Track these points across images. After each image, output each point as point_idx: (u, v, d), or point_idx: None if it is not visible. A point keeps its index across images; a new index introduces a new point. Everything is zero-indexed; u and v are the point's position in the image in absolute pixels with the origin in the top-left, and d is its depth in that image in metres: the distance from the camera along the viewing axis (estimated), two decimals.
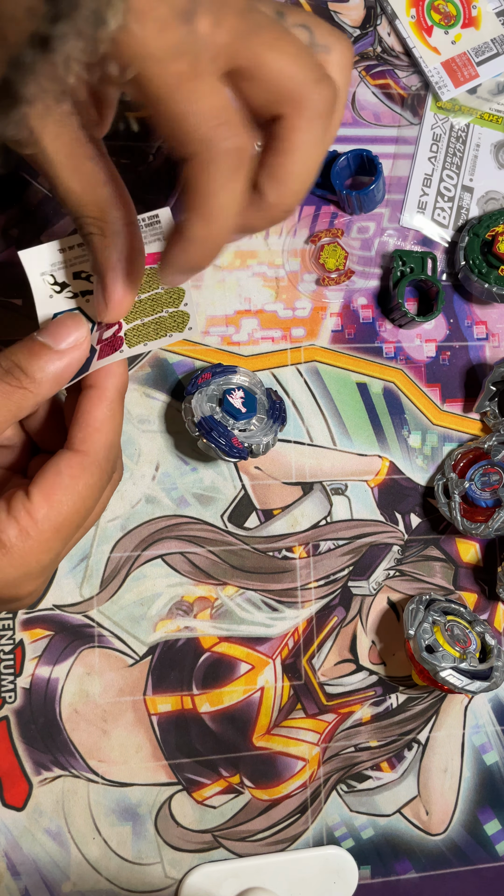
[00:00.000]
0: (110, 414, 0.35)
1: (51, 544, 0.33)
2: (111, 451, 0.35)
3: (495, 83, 0.51)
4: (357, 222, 0.49)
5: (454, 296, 0.49)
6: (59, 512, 0.33)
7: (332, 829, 0.46)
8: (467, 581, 0.49)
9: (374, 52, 0.50)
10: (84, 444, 0.34)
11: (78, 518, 0.34)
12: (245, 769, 0.46)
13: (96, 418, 0.34)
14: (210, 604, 0.46)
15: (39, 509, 0.33)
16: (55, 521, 0.33)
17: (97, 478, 0.34)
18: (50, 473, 0.33)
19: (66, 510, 0.33)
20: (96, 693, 0.44)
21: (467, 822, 0.47)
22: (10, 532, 0.32)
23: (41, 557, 0.33)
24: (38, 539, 0.33)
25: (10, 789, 0.43)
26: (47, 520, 0.33)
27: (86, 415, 0.34)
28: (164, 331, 0.38)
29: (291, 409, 0.47)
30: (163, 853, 0.45)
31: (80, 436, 0.34)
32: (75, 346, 0.34)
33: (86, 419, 0.34)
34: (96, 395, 0.35)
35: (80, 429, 0.34)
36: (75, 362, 0.34)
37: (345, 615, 0.47)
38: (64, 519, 0.33)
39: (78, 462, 0.33)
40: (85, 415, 0.34)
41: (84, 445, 0.34)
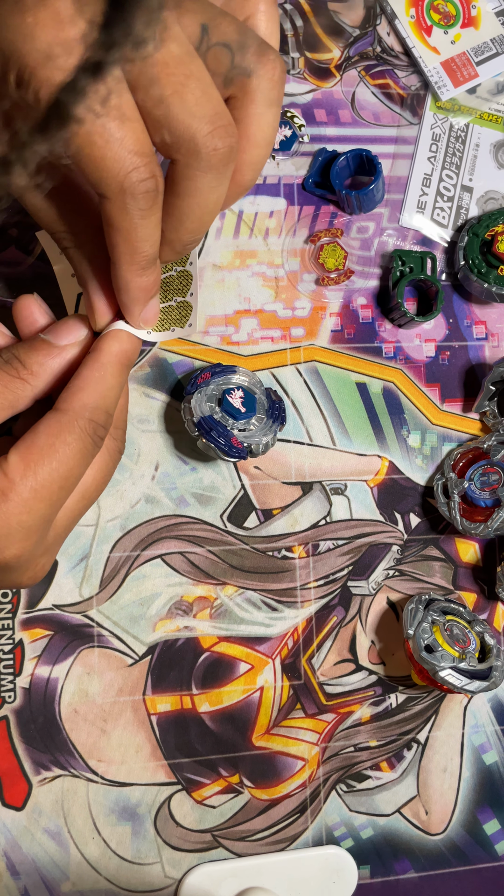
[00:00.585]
0: (99, 375, 0.34)
1: (31, 504, 0.32)
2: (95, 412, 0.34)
3: (495, 83, 0.51)
4: (356, 222, 0.49)
5: (453, 295, 0.49)
6: (35, 472, 0.32)
7: (331, 828, 0.46)
8: (466, 581, 0.49)
9: (373, 52, 0.50)
10: (65, 402, 0.33)
11: (60, 479, 0.33)
12: (244, 769, 0.46)
13: (83, 378, 0.34)
14: (209, 603, 0.46)
15: (16, 469, 0.32)
16: (33, 480, 0.32)
17: (75, 437, 0.33)
18: (28, 435, 0.33)
19: (44, 469, 0.32)
20: (96, 693, 0.44)
21: (467, 821, 0.47)
22: None
23: (22, 518, 0.32)
24: (15, 500, 0.32)
25: (10, 789, 0.43)
26: (24, 479, 0.32)
27: (75, 377, 0.34)
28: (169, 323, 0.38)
29: (291, 408, 0.47)
30: (162, 853, 0.45)
31: (64, 395, 0.34)
32: (74, 344, 0.34)
33: (73, 380, 0.34)
34: (91, 357, 0.34)
35: (66, 389, 0.34)
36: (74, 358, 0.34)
37: (344, 615, 0.47)
38: (43, 478, 0.32)
39: (55, 420, 0.33)
40: (75, 377, 0.34)
41: (64, 404, 0.33)
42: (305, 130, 0.48)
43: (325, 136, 0.49)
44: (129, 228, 0.30)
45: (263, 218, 0.48)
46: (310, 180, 0.48)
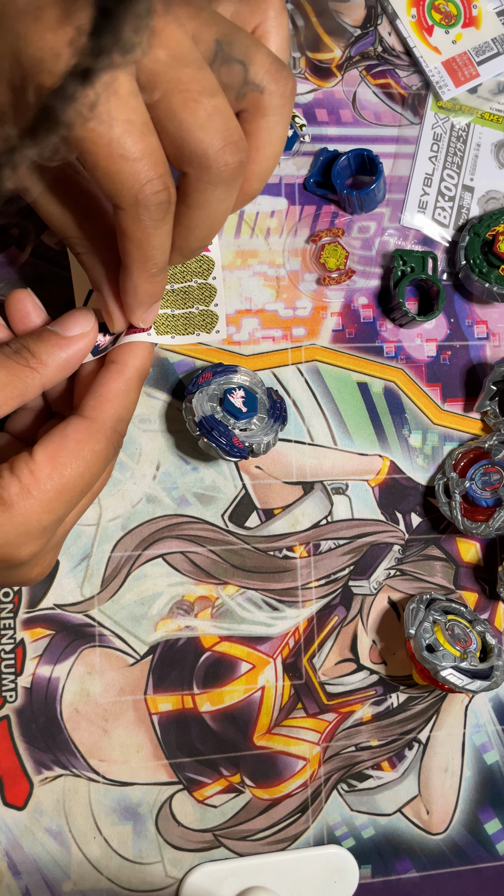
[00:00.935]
0: (125, 389, 0.36)
1: (52, 505, 0.33)
2: (119, 423, 0.35)
3: (496, 83, 0.51)
4: (358, 222, 0.49)
5: (455, 295, 0.49)
6: (61, 474, 0.33)
7: (332, 828, 0.46)
8: (468, 580, 0.49)
9: (374, 52, 0.50)
10: (94, 411, 0.35)
11: (82, 483, 0.34)
12: (246, 768, 0.46)
13: (110, 389, 0.35)
14: (211, 603, 0.46)
15: (43, 469, 0.33)
16: (58, 482, 0.33)
17: (103, 446, 0.35)
18: (56, 436, 0.34)
19: (69, 473, 0.33)
20: (97, 692, 0.44)
21: (468, 821, 0.48)
22: (12, 489, 0.32)
23: (42, 517, 0.33)
24: (39, 498, 0.33)
25: (11, 788, 0.44)
26: (50, 480, 0.33)
27: (101, 386, 0.35)
28: (192, 328, 0.40)
29: (292, 408, 0.47)
30: (163, 852, 0.45)
31: (92, 403, 0.35)
32: (81, 336, 0.35)
33: (100, 390, 0.35)
34: (115, 370, 0.36)
35: (93, 397, 0.35)
36: (81, 351, 0.35)
37: (345, 614, 0.47)
38: (67, 481, 0.33)
39: (85, 427, 0.34)
40: (100, 386, 0.35)
41: (94, 413, 0.35)
42: (306, 130, 0.48)
43: (327, 135, 0.49)
44: (141, 238, 0.31)
45: (265, 218, 0.48)
46: (311, 180, 0.48)
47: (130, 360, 0.36)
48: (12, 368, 0.34)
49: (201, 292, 0.40)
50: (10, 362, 0.34)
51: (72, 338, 0.35)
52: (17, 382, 0.34)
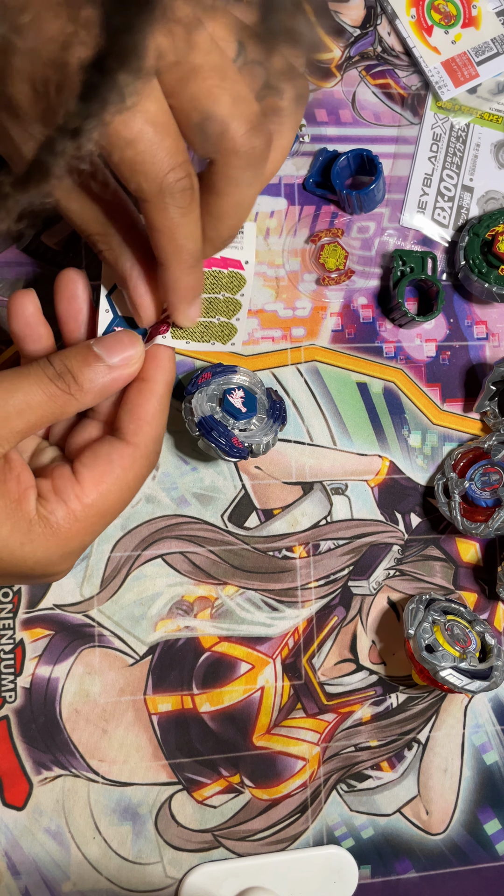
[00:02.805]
0: (160, 408, 0.36)
1: (95, 528, 0.35)
2: (157, 443, 0.36)
3: (495, 83, 0.51)
4: (357, 222, 0.49)
5: (454, 295, 0.49)
6: (106, 499, 0.34)
7: (332, 828, 0.46)
8: (467, 581, 0.49)
9: (374, 52, 0.50)
10: (136, 436, 0.35)
11: (121, 505, 0.35)
12: (245, 769, 0.46)
13: (147, 412, 0.36)
14: (210, 603, 0.46)
15: (89, 494, 0.34)
16: (102, 507, 0.34)
17: (145, 469, 0.36)
18: (102, 461, 0.35)
19: (113, 498, 0.34)
20: (96, 692, 0.44)
21: (467, 821, 0.47)
22: (59, 513, 0.33)
23: (84, 539, 0.34)
24: (84, 523, 0.34)
25: (11, 789, 0.44)
26: (94, 506, 0.34)
27: (138, 408, 0.36)
28: (209, 336, 0.40)
29: (291, 408, 0.47)
30: (163, 853, 0.45)
31: (132, 428, 0.35)
32: (126, 364, 0.35)
33: (138, 412, 0.36)
34: (148, 389, 0.36)
35: (133, 421, 0.35)
36: (123, 378, 0.35)
37: (345, 615, 0.47)
38: (110, 505, 0.35)
39: (129, 454, 0.35)
40: (137, 408, 0.36)
41: (136, 438, 0.35)
42: (306, 130, 0.48)
43: (326, 135, 0.49)
44: (171, 228, 0.31)
45: (264, 218, 0.48)
46: (310, 180, 0.48)
47: (160, 376, 0.36)
48: (53, 393, 0.34)
49: (226, 305, 0.40)
50: (52, 387, 0.34)
51: (115, 366, 0.35)
52: (55, 407, 0.34)
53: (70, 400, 0.34)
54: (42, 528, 0.33)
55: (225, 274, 0.40)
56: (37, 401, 0.33)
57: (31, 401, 0.33)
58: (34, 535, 0.33)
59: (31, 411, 0.33)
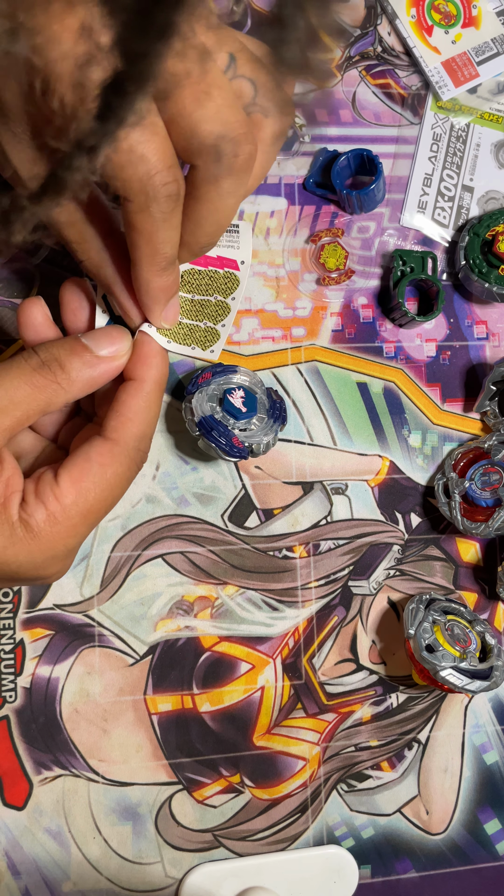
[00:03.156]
0: (146, 405, 0.35)
1: (78, 529, 0.34)
2: (142, 441, 0.35)
3: (495, 83, 0.51)
4: (357, 222, 0.49)
5: (454, 295, 0.49)
6: (86, 499, 0.34)
7: (332, 828, 0.46)
8: (467, 580, 0.49)
9: (374, 52, 0.50)
10: (116, 432, 0.35)
11: (105, 505, 0.34)
12: (245, 769, 0.46)
13: (131, 408, 0.35)
14: (210, 603, 0.46)
15: (67, 495, 0.33)
16: (83, 507, 0.34)
17: (126, 467, 0.35)
18: (80, 459, 0.34)
19: (93, 497, 0.34)
20: (97, 692, 0.44)
21: (467, 821, 0.48)
22: (38, 516, 0.33)
23: (68, 542, 0.34)
24: (65, 524, 0.33)
25: (11, 789, 0.43)
26: (75, 506, 0.33)
27: (121, 405, 0.35)
28: (191, 340, 0.40)
29: (292, 408, 0.47)
30: (163, 853, 0.45)
31: (113, 424, 0.35)
32: (114, 357, 0.35)
33: (121, 409, 0.35)
34: (134, 387, 0.35)
35: (114, 417, 0.35)
36: (111, 371, 0.35)
37: (345, 615, 0.47)
38: (91, 505, 0.34)
39: (108, 450, 0.34)
40: (121, 404, 0.35)
41: (116, 434, 0.35)
42: (306, 130, 0.48)
43: (326, 135, 0.49)
44: (151, 231, 0.31)
45: (264, 218, 0.48)
46: (311, 180, 0.48)
47: (148, 374, 0.36)
48: (38, 383, 0.33)
49: (216, 309, 0.40)
50: (37, 376, 0.33)
51: (104, 357, 0.35)
52: (42, 398, 0.33)
53: (57, 390, 0.34)
54: (23, 532, 0.33)
55: (220, 275, 0.40)
56: (22, 394, 0.33)
57: (15, 395, 0.33)
58: (16, 538, 0.33)
59: (16, 406, 0.33)
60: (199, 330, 0.40)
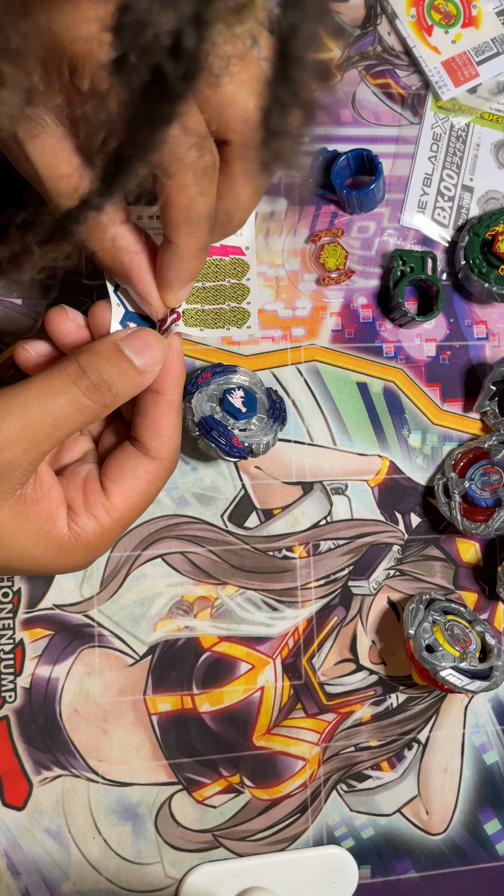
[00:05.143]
0: (177, 419, 0.37)
1: (119, 535, 0.37)
2: (178, 453, 0.38)
3: (495, 83, 0.51)
4: (357, 222, 0.49)
5: (454, 295, 0.49)
6: (133, 513, 0.36)
7: (332, 828, 0.46)
8: (467, 581, 0.49)
9: (374, 52, 0.50)
10: (160, 452, 0.36)
11: (143, 511, 0.37)
12: (245, 769, 0.46)
13: (167, 426, 0.36)
14: (210, 603, 0.46)
15: (118, 509, 0.35)
16: (129, 519, 0.36)
17: (167, 479, 0.38)
18: (129, 476, 0.36)
19: (138, 511, 0.37)
20: (96, 693, 0.44)
21: (467, 821, 0.47)
22: (90, 529, 0.35)
23: (108, 546, 0.37)
24: (111, 535, 0.36)
25: (11, 789, 0.43)
26: (123, 519, 0.36)
27: (157, 423, 0.36)
28: (223, 322, 0.40)
29: (291, 408, 0.47)
30: (163, 853, 0.45)
31: (156, 445, 0.36)
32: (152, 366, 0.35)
33: (158, 427, 0.36)
34: (165, 402, 0.36)
35: (155, 437, 0.36)
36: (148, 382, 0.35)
37: (345, 615, 0.47)
38: (135, 516, 0.36)
39: (155, 468, 0.36)
40: (156, 423, 0.36)
41: (161, 454, 0.36)
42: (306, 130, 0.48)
43: (326, 135, 0.49)
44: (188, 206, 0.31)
45: (264, 218, 0.48)
46: (311, 180, 0.48)
47: (174, 388, 0.36)
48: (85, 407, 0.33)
49: (233, 291, 0.40)
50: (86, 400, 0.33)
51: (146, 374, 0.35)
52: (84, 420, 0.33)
53: (101, 411, 0.34)
54: (73, 544, 0.34)
55: (227, 261, 0.40)
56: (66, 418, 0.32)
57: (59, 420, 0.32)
58: (65, 550, 0.34)
59: (59, 429, 0.32)
60: (226, 312, 0.40)
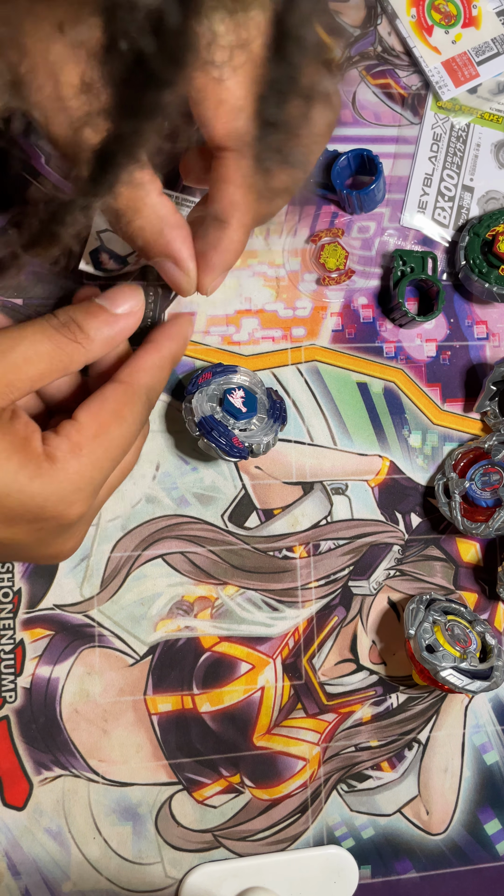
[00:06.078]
0: (159, 364, 0.36)
1: (101, 463, 0.34)
2: (151, 392, 0.36)
3: (496, 83, 0.51)
4: (357, 222, 0.49)
5: (454, 295, 0.49)
6: (107, 432, 0.34)
7: (332, 828, 0.46)
8: (468, 581, 0.49)
9: (374, 52, 0.50)
10: (130, 377, 0.35)
11: (124, 443, 0.35)
12: (245, 769, 0.46)
13: (146, 361, 0.36)
14: (210, 603, 0.46)
15: (89, 428, 0.34)
16: (104, 440, 0.34)
17: (140, 407, 0.36)
18: (96, 399, 0.35)
19: (113, 432, 0.34)
20: (97, 693, 0.44)
21: (467, 821, 0.47)
22: (63, 447, 0.33)
23: (93, 474, 0.34)
24: (89, 456, 0.34)
25: (11, 789, 0.43)
26: (96, 437, 0.34)
27: (136, 358, 0.36)
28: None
29: (292, 408, 0.47)
30: (163, 853, 0.45)
31: (127, 371, 0.36)
32: (130, 314, 0.36)
33: (135, 361, 0.36)
34: (151, 347, 0.37)
35: (128, 367, 0.36)
36: (128, 328, 0.36)
37: (345, 615, 0.47)
38: (112, 439, 0.34)
39: (123, 391, 0.35)
40: (135, 358, 0.36)
41: (129, 378, 0.35)
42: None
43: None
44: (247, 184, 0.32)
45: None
46: (311, 180, 0.48)
47: (166, 343, 0.37)
48: (59, 342, 0.34)
49: None
50: (58, 335, 0.34)
51: (120, 315, 0.35)
52: (63, 356, 0.34)
53: (77, 348, 0.34)
54: (49, 464, 0.33)
55: None
56: (44, 349, 0.34)
57: (38, 349, 0.33)
58: (42, 469, 0.33)
59: (39, 358, 0.33)
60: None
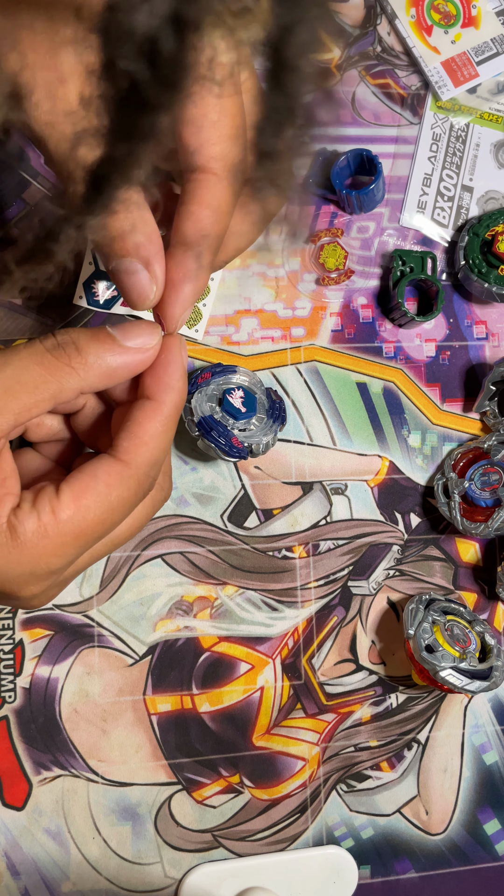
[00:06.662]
0: (162, 430, 0.32)
1: (66, 549, 0.31)
2: (154, 468, 0.32)
3: (495, 83, 0.51)
4: (357, 222, 0.49)
5: (454, 295, 0.49)
6: (84, 517, 0.31)
7: (331, 828, 0.46)
8: (467, 581, 0.49)
9: (373, 52, 0.50)
10: (128, 454, 0.32)
11: (101, 529, 0.32)
12: (245, 769, 0.46)
13: (147, 431, 0.32)
14: (210, 603, 0.46)
15: (65, 509, 0.30)
16: (78, 525, 0.31)
17: (132, 492, 0.32)
18: (85, 476, 0.31)
19: (91, 517, 0.31)
20: (96, 693, 0.44)
21: (467, 821, 0.47)
22: (28, 525, 0.30)
23: (51, 560, 0.31)
24: (54, 541, 0.30)
25: (10, 789, 0.43)
26: (70, 522, 0.30)
27: (137, 426, 0.32)
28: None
29: (291, 408, 0.47)
30: (162, 853, 0.45)
31: (126, 445, 0.32)
32: (141, 350, 0.32)
33: (136, 430, 0.32)
34: (152, 408, 0.32)
35: (128, 438, 0.32)
36: (135, 365, 0.32)
37: (344, 615, 0.47)
38: (87, 525, 0.31)
39: (117, 471, 0.31)
40: (136, 426, 0.32)
41: (128, 456, 0.32)
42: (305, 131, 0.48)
43: (326, 135, 0.49)
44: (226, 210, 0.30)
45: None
46: (310, 180, 0.48)
47: (168, 397, 0.33)
48: (50, 364, 0.30)
49: None
50: (49, 357, 0.30)
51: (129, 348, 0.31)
52: (52, 381, 0.30)
53: (70, 373, 0.30)
54: (6, 538, 0.30)
55: None
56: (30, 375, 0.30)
57: (22, 376, 0.30)
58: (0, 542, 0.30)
59: (23, 388, 0.30)
60: None
